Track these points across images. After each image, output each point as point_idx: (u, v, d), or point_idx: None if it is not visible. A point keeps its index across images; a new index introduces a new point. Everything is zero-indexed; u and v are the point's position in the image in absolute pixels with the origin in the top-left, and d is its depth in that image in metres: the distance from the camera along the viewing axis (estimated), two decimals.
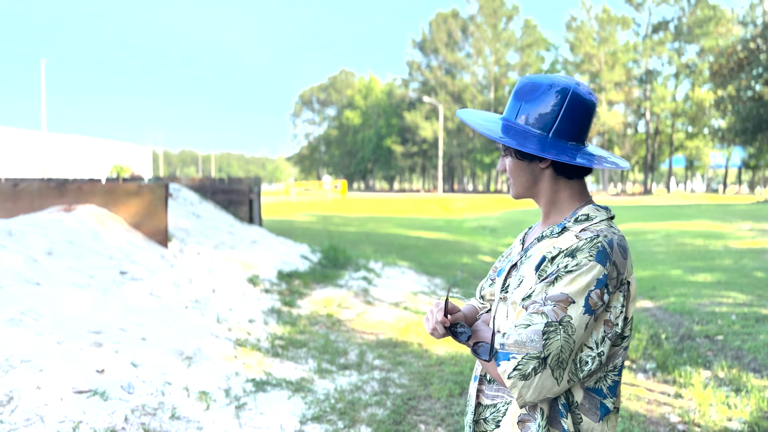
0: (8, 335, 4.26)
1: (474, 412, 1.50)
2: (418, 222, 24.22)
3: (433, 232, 19.14)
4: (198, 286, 6.80)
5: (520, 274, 1.45)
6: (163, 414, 3.69)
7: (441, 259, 12.16)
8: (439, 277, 9.60)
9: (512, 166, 1.50)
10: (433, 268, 10.59)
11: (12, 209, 8.00)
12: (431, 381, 4.60)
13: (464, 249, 14.36)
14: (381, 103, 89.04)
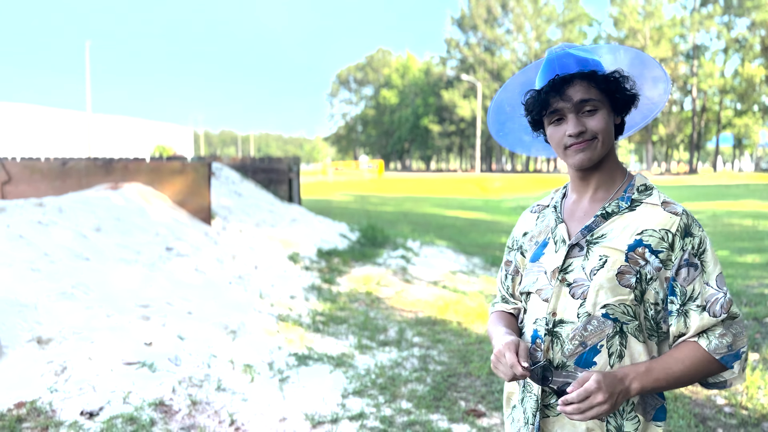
0: (61, 308, 4.43)
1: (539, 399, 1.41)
2: (455, 202, 24.10)
3: (471, 212, 19.02)
4: (241, 262, 6.93)
5: (599, 254, 1.37)
6: (209, 385, 3.79)
7: (479, 238, 12.09)
8: (478, 257, 9.55)
9: (606, 119, 1.39)
10: (472, 248, 10.54)
11: (61, 187, 8.27)
12: (471, 359, 4.60)
13: (502, 229, 14.23)
14: (418, 82, 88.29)
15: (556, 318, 1.40)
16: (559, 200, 1.54)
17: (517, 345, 1.35)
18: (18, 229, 5.38)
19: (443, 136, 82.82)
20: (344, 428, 3.37)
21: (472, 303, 6.43)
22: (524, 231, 1.60)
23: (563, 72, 1.38)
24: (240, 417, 3.44)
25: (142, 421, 3.28)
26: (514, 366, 1.31)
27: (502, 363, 1.34)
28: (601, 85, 1.38)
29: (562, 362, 1.37)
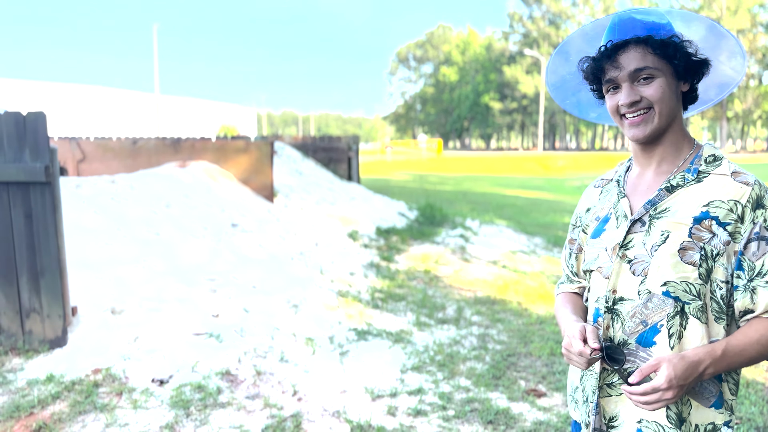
0: (133, 280, 4.66)
1: (599, 378, 1.39)
2: (515, 181, 23.68)
3: (532, 191, 18.66)
4: (302, 239, 7.07)
5: (661, 229, 1.31)
6: (272, 357, 3.91)
7: (541, 218, 11.86)
8: (539, 237, 9.38)
9: (666, 88, 1.31)
10: (533, 228, 10.36)
11: (132, 165, 8.63)
12: (531, 339, 4.55)
13: (566, 209, 13.90)
14: (479, 58, 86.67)
15: (616, 296, 1.36)
16: (622, 174, 1.48)
17: (584, 330, 1.32)
18: (93, 204, 5.67)
19: (504, 114, 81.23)
20: (403, 402, 3.41)
21: (532, 283, 6.34)
22: (587, 207, 1.55)
23: (620, 38, 1.31)
24: (302, 388, 3.54)
25: (210, 389, 3.43)
26: (582, 353, 1.29)
27: (573, 353, 1.31)
28: (658, 51, 1.29)
29: (623, 340, 1.34)
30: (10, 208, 3.85)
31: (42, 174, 3.73)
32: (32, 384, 3.46)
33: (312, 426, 3.13)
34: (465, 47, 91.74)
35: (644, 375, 1.22)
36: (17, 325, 3.92)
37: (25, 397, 3.32)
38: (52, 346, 3.88)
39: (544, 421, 3.25)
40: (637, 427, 1.34)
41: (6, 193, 3.84)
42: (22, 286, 3.89)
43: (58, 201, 3.84)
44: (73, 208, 5.33)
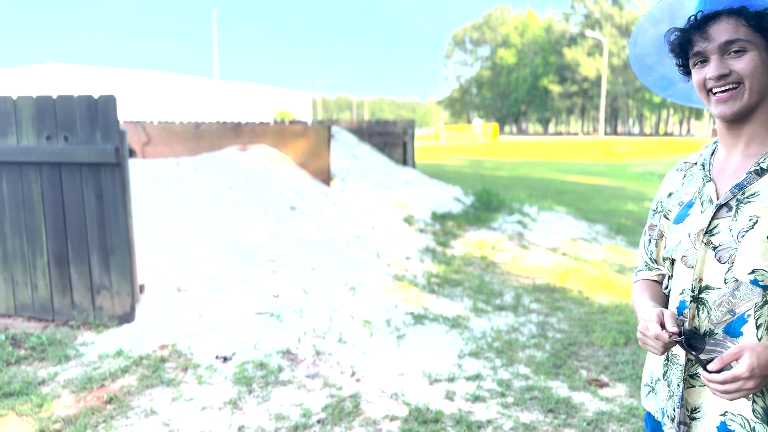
0: (198, 259, 4.79)
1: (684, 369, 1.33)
2: (575, 166, 23.08)
3: (593, 177, 18.15)
4: (358, 222, 7.11)
5: (749, 214, 1.24)
6: (331, 337, 3.96)
7: (602, 205, 11.53)
8: (601, 224, 9.12)
9: (757, 62, 1.22)
10: (594, 215, 10.08)
11: (195, 148, 8.86)
12: (593, 328, 4.44)
13: (628, 195, 13.46)
14: (538, 40, 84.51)
15: (702, 284, 1.29)
16: (708, 157, 1.40)
17: (662, 314, 1.26)
18: (159, 185, 5.85)
19: (564, 97, 79.09)
20: (461, 388, 3.39)
21: (594, 271, 6.18)
22: (669, 191, 1.48)
23: (711, 8, 1.23)
24: (360, 369, 3.57)
25: (271, 367, 3.50)
26: (659, 336, 1.23)
27: (649, 336, 1.26)
28: (752, 22, 1.20)
29: (710, 330, 1.27)
30: (83, 188, 4.01)
31: (112, 155, 3.87)
32: (103, 357, 3.62)
33: (370, 407, 3.15)
34: (524, 29, 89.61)
35: (725, 363, 1.16)
36: (88, 301, 4.11)
37: (96, 369, 3.48)
38: (120, 321, 4.05)
39: (607, 411, 3.17)
40: (720, 419, 1.27)
41: (78, 174, 4.00)
42: (93, 263, 4.07)
43: (127, 182, 3.98)
44: (140, 189, 5.52)
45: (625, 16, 71.29)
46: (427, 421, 3.02)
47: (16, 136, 4.06)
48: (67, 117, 3.94)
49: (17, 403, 3.11)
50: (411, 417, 3.05)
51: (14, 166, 4.11)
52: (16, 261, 4.20)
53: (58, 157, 3.97)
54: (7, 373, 3.44)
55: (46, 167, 4.05)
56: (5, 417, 3.00)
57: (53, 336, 3.91)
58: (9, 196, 4.15)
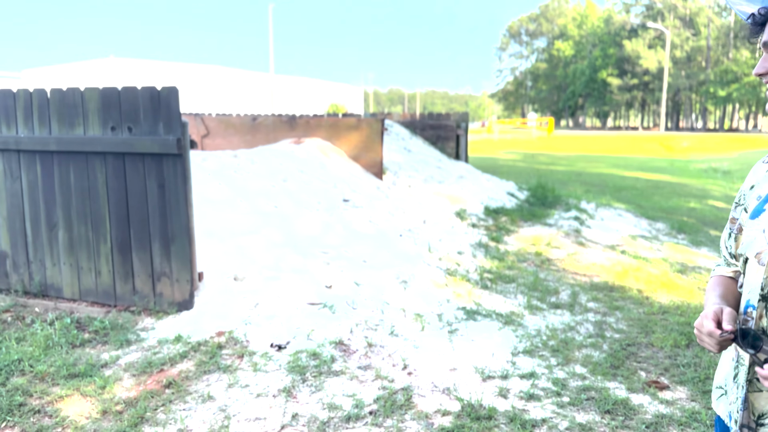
0: (254, 249, 4.88)
1: (749, 372, 1.28)
2: (635, 162, 22.36)
3: (654, 174, 17.53)
4: (410, 216, 7.09)
5: None
6: (383, 330, 3.96)
7: (663, 202, 11.12)
8: (662, 222, 8.80)
9: None
10: (654, 212, 9.73)
11: (251, 141, 9.02)
12: (653, 329, 4.28)
13: (691, 193, 12.95)
14: (597, 32, 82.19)
15: None
16: None
17: (720, 312, 1.22)
18: (217, 177, 5.98)
19: (623, 90, 76.68)
20: (515, 385, 3.33)
21: (654, 270, 5.97)
22: (752, 184, 1.39)
23: None
24: (412, 362, 3.56)
25: (324, 357, 3.53)
26: (712, 333, 1.19)
27: (703, 333, 1.23)
28: None
29: None
30: (145, 177, 4.14)
31: (174, 146, 3.97)
32: (162, 343, 3.73)
33: (422, 401, 3.13)
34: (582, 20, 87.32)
35: None
36: (149, 288, 4.24)
37: (156, 354, 3.59)
38: (179, 308, 4.16)
39: (667, 414, 3.05)
40: None
41: (142, 164, 4.13)
42: (154, 251, 4.19)
43: (188, 172, 4.08)
44: (199, 179, 5.66)
45: (689, 7, 68.46)
46: (480, 417, 2.98)
47: (83, 127, 4.22)
48: (131, 108, 4.07)
49: (82, 384, 3.24)
50: (463, 413, 3.02)
51: (81, 155, 4.27)
52: (81, 247, 4.38)
53: (123, 148, 4.10)
54: (72, 355, 3.59)
55: (111, 157, 4.19)
56: (71, 397, 3.13)
57: (115, 321, 4.06)
58: (75, 185, 4.33)
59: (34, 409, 3.01)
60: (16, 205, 4.53)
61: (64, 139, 4.24)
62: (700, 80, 68.04)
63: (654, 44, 71.12)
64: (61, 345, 3.72)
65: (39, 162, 4.40)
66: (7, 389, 3.18)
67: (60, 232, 4.42)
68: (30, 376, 3.33)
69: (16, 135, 4.40)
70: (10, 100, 4.39)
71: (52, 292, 4.52)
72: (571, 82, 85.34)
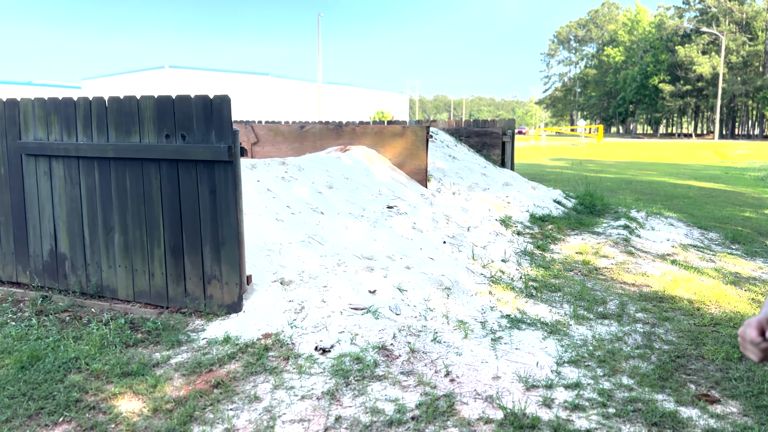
0: (300, 254, 4.97)
1: None
2: (687, 170, 21.69)
3: (707, 182, 16.97)
4: (454, 223, 7.08)
5: None
6: (425, 336, 3.98)
7: (717, 212, 10.76)
8: (715, 232, 8.52)
9: None
10: (708, 221, 9.43)
11: (299, 148, 9.19)
12: (704, 341, 4.16)
13: (746, 202, 12.48)
14: (648, 37, 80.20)
15: None
16: None
17: (764, 320, 1.21)
18: (266, 184, 6.12)
19: (676, 97, 74.48)
20: (560, 395, 3.30)
21: (706, 281, 5.79)
22: None
23: None
24: (455, 369, 3.56)
25: (367, 361, 3.57)
26: (752, 341, 1.19)
27: (746, 340, 1.22)
28: None
29: None
30: (198, 183, 4.28)
31: (225, 153, 4.10)
32: (211, 344, 3.85)
33: (465, 408, 3.13)
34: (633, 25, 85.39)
35: None
36: (200, 290, 4.37)
37: (205, 355, 3.70)
38: (228, 310, 4.28)
39: (717, 429, 2.97)
40: None
41: (194, 170, 4.27)
42: (205, 254, 4.33)
43: (238, 179, 4.21)
44: (249, 186, 5.80)
45: (745, 11, 66.08)
46: (524, 426, 2.96)
47: (138, 135, 4.40)
48: (185, 116, 4.22)
49: (134, 382, 3.37)
50: (506, 421, 3.00)
51: (136, 162, 4.45)
52: (135, 250, 4.56)
53: (176, 155, 4.26)
54: (125, 354, 3.74)
55: (165, 163, 4.35)
56: (124, 395, 3.26)
57: (167, 322, 4.20)
58: (131, 191, 4.51)
59: (90, 405, 3.15)
60: (75, 210, 4.75)
61: (121, 146, 4.43)
62: (757, 86, 65.47)
63: (708, 49, 68.93)
64: (116, 344, 3.88)
65: (97, 168, 4.61)
66: (64, 386, 3.34)
67: (116, 235, 4.61)
68: (86, 374, 3.48)
69: (76, 142, 4.63)
70: (71, 108, 4.62)
71: (108, 293, 4.71)
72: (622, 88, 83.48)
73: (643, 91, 78.66)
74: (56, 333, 4.09)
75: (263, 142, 9.52)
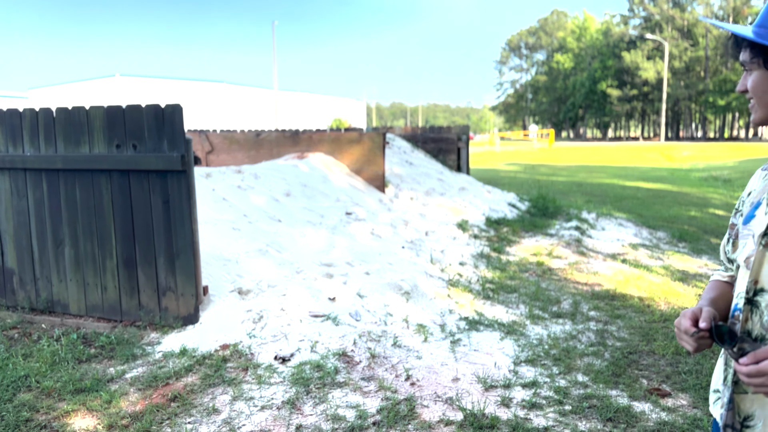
0: (258, 263, 4.92)
1: (734, 372, 1.31)
2: (635, 172, 22.41)
3: (654, 183, 17.57)
4: (412, 228, 7.14)
5: None
6: (386, 341, 3.99)
7: (664, 211, 11.15)
8: (663, 231, 8.83)
9: (758, 81, 1.27)
10: (656, 221, 9.76)
11: (255, 156, 9.11)
12: (654, 337, 4.31)
13: (692, 201, 12.98)
14: (596, 44, 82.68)
15: (757, 286, 1.26)
16: None
17: (698, 311, 1.27)
18: (221, 192, 6.05)
19: (623, 101, 76.93)
20: (517, 394, 3.36)
21: (655, 279, 5.99)
22: (749, 191, 1.45)
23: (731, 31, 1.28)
24: (415, 373, 3.58)
25: (328, 368, 3.56)
26: (687, 330, 1.25)
27: (681, 330, 1.28)
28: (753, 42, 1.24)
29: (762, 335, 1.24)
30: (150, 194, 4.20)
31: (178, 163, 4.03)
32: (168, 357, 3.77)
33: (426, 411, 3.16)
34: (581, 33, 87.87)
35: (758, 359, 1.15)
36: (155, 302, 4.28)
37: (161, 368, 3.62)
38: (185, 322, 4.20)
39: (669, 421, 3.08)
40: None
41: (147, 180, 4.19)
42: (159, 266, 4.24)
43: (192, 188, 4.14)
44: (204, 195, 5.72)
45: (686, 18, 68.86)
46: (483, 426, 3.00)
47: (88, 145, 4.29)
48: (136, 126, 4.14)
49: (88, 398, 3.28)
50: (466, 422, 3.04)
51: (86, 173, 4.34)
52: (87, 264, 4.43)
53: (127, 165, 4.17)
54: (78, 370, 3.63)
55: (116, 174, 4.26)
56: (78, 412, 3.16)
57: (121, 336, 4.10)
58: (81, 202, 4.39)
59: (41, 424, 3.04)
60: (23, 223, 4.60)
61: (70, 158, 4.31)
62: (699, 90, 68.23)
63: (653, 55, 71.46)
64: (68, 360, 3.76)
65: (45, 180, 4.47)
66: (14, 405, 3.22)
67: (66, 248, 4.48)
68: (36, 392, 3.37)
69: (22, 154, 4.48)
70: (17, 119, 4.47)
71: (59, 308, 4.57)
72: (571, 93, 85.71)
73: (591, 96, 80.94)
74: (4, 351, 3.94)
75: (218, 150, 9.40)
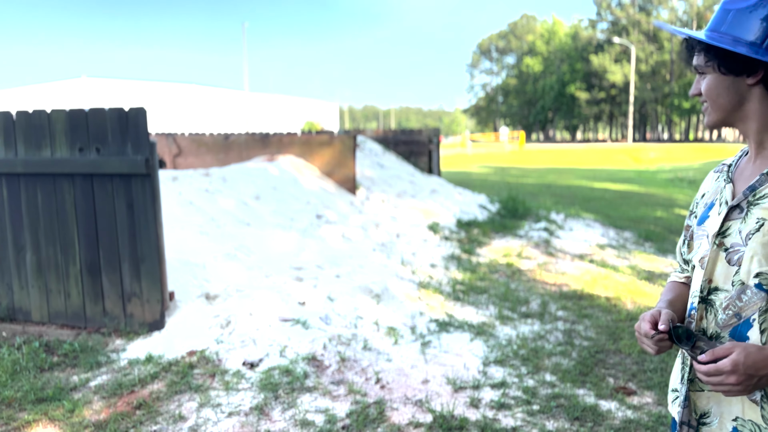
0: (225, 268, 4.87)
1: (690, 371, 1.35)
2: (603, 173, 22.79)
3: (622, 184, 17.89)
4: (383, 231, 7.14)
5: (757, 216, 1.24)
6: (356, 344, 3.98)
7: (631, 212, 11.36)
8: (629, 231, 8.99)
9: (712, 84, 1.29)
10: (622, 222, 9.94)
11: (224, 159, 9.01)
12: (621, 336, 4.38)
13: (658, 202, 13.24)
14: (565, 48, 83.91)
15: (711, 285, 1.30)
16: (736, 159, 1.42)
17: (658, 314, 1.29)
18: (188, 196, 5.96)
19: (591, 104, 78.23)
20: (486, 395, 3.38)
21: (622, 279, 6.10)
22: (703, 192, 1.48)
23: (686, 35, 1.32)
24: (385, 376, 3.58)
25: (297, 373, 3.53)
26: (647, 333, 1.26)
27: (641, 334, 1.30)
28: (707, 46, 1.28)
29: (716, 333, 1.27)
30: (114, 198, 4.12)
31: (143, 166, 3.97)
32: (133, 364, 3.70)
33: (395, 414, 3.16)
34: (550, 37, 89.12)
35: (716, 356, 1.17)
36: (119, 309, 4.20)
37: (126, 375, 3.55)
38: (150, 328, 4.13)
39: (634, 419, 3.13)
40: (732, 425, 1.27)
41: (110, 184, 4.11)
42: (124, 271, 4.16)
43: (157, 192, 4.08)
44: (170, 199, 5.63)
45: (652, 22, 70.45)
46: (452, 428, 3.01)
47: (50, 149, 4.19)
48: (99, 129, 4.06)
49: (50, 408, 3.20)
50: (435, 424, 3.05)
51: (48, 177, 4.24)
52: (50, 270, 4.33)
53: (91, 169, 4.08)
54: (40, 380, 3.54)
55: (79, 178, 4.17)
56: (39, 421, 3.08)
57: (85, 343, 4.01)
58: (43, 207, 4.29)
59: None
60: None
61: (31, 161, 4.21)
62: (665, 93, 69.76)
63: (620, 59, 72.84)
64: (29, 369, 3.67)
65: (5, 184, 4.36)
66: None
67: (28, 254, 4.36)
68: None
69: None
70: None
71: (21, 315, 4.45)
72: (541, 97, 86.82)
73: (560, 99, 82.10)
74: None
75: (186, 153, 9.28)
